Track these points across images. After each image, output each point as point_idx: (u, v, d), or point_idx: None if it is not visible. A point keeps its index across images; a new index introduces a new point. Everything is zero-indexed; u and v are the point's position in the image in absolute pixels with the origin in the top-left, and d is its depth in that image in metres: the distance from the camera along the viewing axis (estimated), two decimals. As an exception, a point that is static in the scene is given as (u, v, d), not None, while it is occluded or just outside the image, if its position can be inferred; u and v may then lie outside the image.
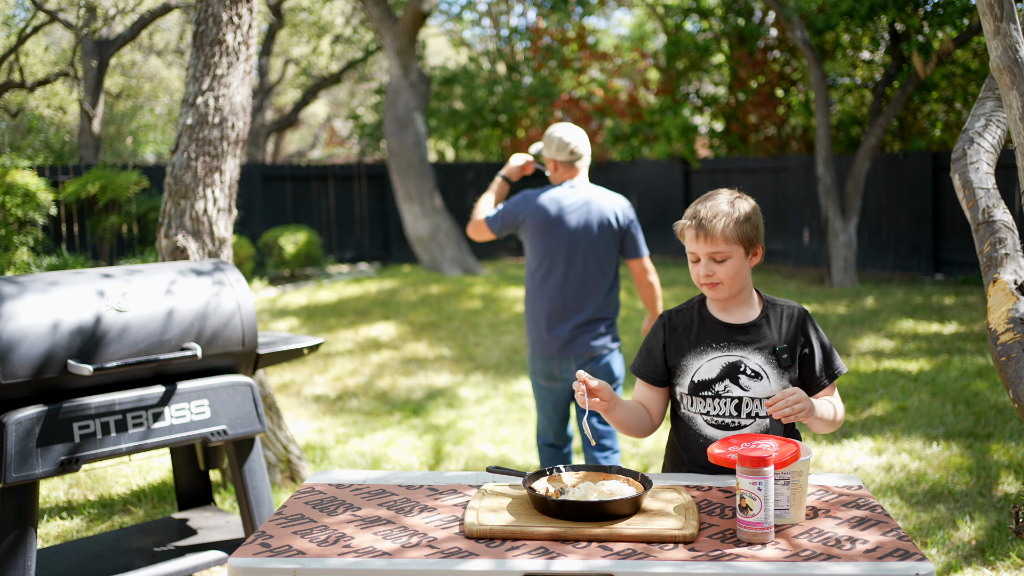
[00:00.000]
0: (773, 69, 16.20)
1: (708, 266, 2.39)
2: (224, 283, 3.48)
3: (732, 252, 2.39)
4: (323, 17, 21.32)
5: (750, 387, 2.40)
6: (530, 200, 4.05)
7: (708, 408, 2.43)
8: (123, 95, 21.24)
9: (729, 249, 2.38)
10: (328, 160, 25.54)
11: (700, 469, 2.46)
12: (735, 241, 2.38)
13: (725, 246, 2.38)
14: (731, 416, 2.41)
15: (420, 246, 14.61)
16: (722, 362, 2.42)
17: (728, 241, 2.37)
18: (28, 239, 11.05)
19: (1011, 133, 2.53)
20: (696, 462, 2.47)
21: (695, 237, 2.39)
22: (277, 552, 1.92)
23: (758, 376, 2.40)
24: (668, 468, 2.60)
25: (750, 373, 2.40)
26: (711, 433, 2.44)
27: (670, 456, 2.59)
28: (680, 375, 2.47)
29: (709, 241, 2.37)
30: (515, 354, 8.40)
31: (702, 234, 2.37)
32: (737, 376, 2.41)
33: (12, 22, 16.26)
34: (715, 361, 2.43)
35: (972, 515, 4.22)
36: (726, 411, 2.41)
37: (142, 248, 12.98)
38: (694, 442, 2.47)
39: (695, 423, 2.46)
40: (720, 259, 2.39)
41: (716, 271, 2.39)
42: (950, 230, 12.85)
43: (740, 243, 2.39)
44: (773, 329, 2.44)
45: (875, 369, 7.27)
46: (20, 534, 2.96)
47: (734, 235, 2.38)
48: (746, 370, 2.40)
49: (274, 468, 4.85)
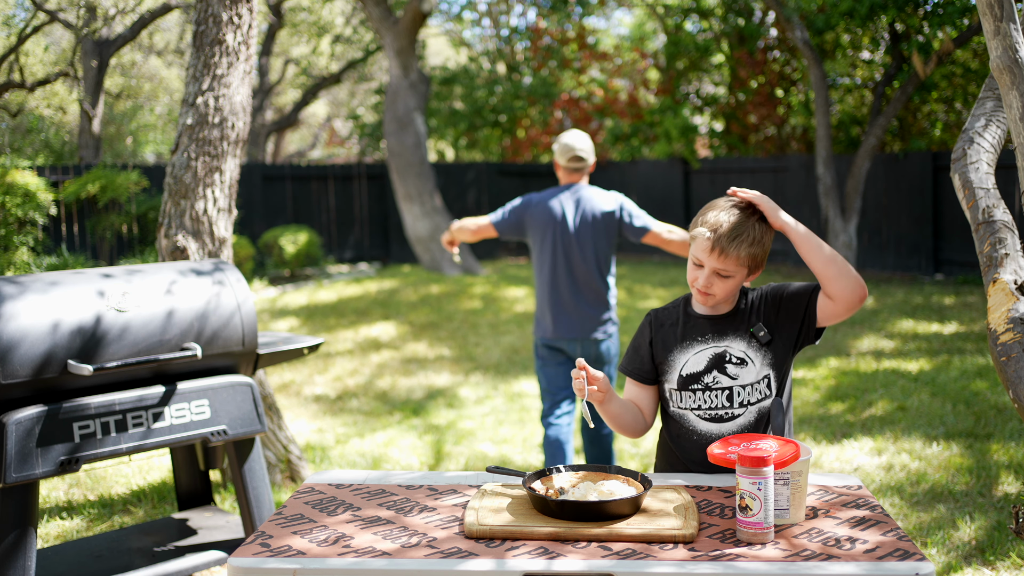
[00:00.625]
0: (773, 69, 16.20)
1: (710, 279, 2.40)
2: (224, 283, 3.48)
3: (738, 272, 2.40)
4: (323, 17, 21.31)
5: (738, 375, 2.42)
6: (532, 202, 4.42)
7: (699, 402, 2.44)
8: (123, 95, 21.24)
9: (737, 270, 2.39)
10: (328, 160, 25.54)
11: (697, 467, 2.45)
12: (745, 264, 2.39)
13: (735, 267, 2.38)
14: (723, 407, 2.43)
15: (420, 246, 14.61)
16: (708, 354, 2.44)
17: (740, 263, 2.38)
18: (28, 239, 11.05)
19: (1011, 133, 2.53)
20: (693, 459, 2.46)
21: (710, 250, 2.37)
22: (277, 552, 1.92)
23: (743, 362, 2.42)
24: (661, 469, 2.60)
25: (735, 361, 2.42)
26: (705, 428, 2.44)
27: (663, 457, 2.59)
28: (668, 371, 2.48)
29: (722, 259, 2.37)
30: (515, 354, 8.40)
31: (718, 250, 2.36)
32: (724, 366, 2.43)
33: (12, 22, 16.27)
34: (702, 354, 2.45)
35: (972, 515, 4.22)
36: (718, 403, 2.43)
37: (142, 248, 12.98)
38: (688, 439, 2.47)
39: (687, 420, 2.47)
40: (725, 275, 2.40)
41: (715, 284, 2.40)
42: (950, 230, 12.85)
43: (749, 265, 2.40)
44: (750, 313, 2.46)
45: (875, 369, 7.27)
46: (20, 534, 2.96)
47: (747, 257, 2.38)
48: (731, 359, 2.43)
49: (274, 468, 4.85)
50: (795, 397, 6.54)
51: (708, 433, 2.44)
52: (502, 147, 20.23)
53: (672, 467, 2.54)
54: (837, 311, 2.39)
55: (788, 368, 2.48)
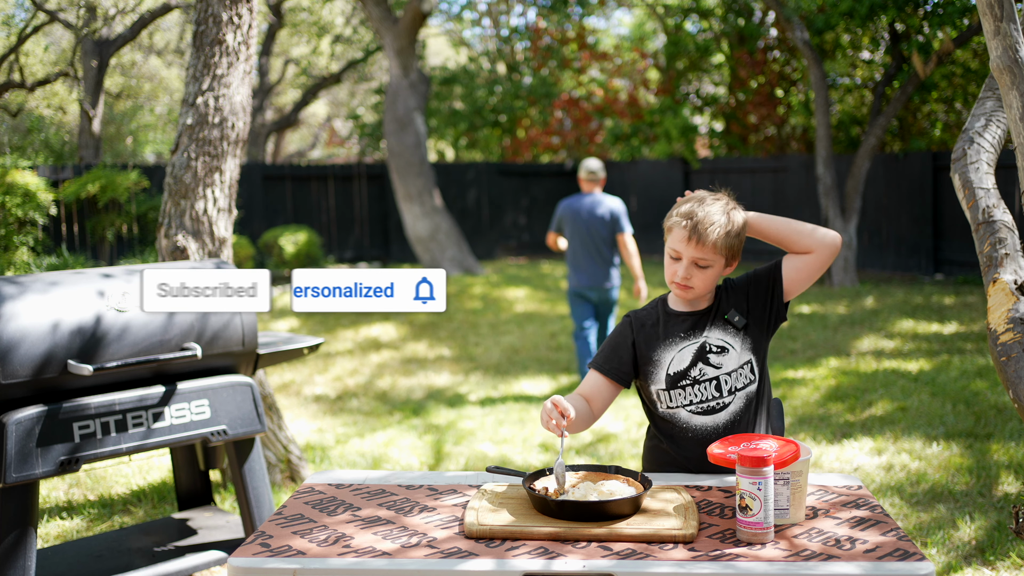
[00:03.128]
0: (773, 69, 16.20)
1: (689, 270, 2.41)
2: (224, 283, 3.47)
3: (716, 262, 2.41)
4: (323, 17, 21.30)
5: (721, 363, 2.44)
6: (563, 204, 6.89)
7: (690, 397, 2.45)
8: (123, 95, 21.24)
9: (715, 259, 2.40)
10: (328, 160, 25.54)
11: (696, 464, 2.45)
12: (723, 252, 2.40)
13: (713, 255, 2.39)
14: (714, 398, 2.44)
15: (420, 246, 14.61)
16: (691, 349, 2.46)
17: (717, 251, 2.39)
18: (28, 239, 11.05)
19: (1011, 133, 2.53)
20: (691, 456, 2.46)
21: (686, 239, 2.39)
22: (277, 552, 1.92)
23: (724, 350, 2.44)
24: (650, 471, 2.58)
25: (715, 350, 2.44)
26: (699, 422, 2.45)
27: (654, 460, 2.56)
28: (654, 371, 2.47)
29: (699, 247, 2.38)
30: (515, 354, 8.41)
31: (695, 238, 2.38)
32: (706, 356, 2.44)
33: (12, 22, 16.26)
34: (685, 350, 2.46)
35: (972, 515, 4.22)
36: (708, 394, 2.44)
37: (142, 248, 12.98)
38: (683, 437, 2.47)
39: (679, 418, 2.46)
40: (703, 265, 2.40)
41: (694, 276, 2.41)
42: (950, 230, 12.85)
43: (726, 255, 2.41)
44: (726, 302, 2.49)
45: (875, 369, 7.27)
46: (20, 534, 2.96)
47: (724, 246, 2.39)
48: (711, 348, 2.44)
49: (274, 468, 4.85)
50: (795, 397, 6.55)
51: (703, 427, 2.44)
52: (502, 147, 20.23)
53: (663, 469, 2.52)
54: (817, 262, 2.42)
55: (765, 354, 2.51)
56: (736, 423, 2.44)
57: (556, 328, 9.57)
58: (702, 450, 2.41)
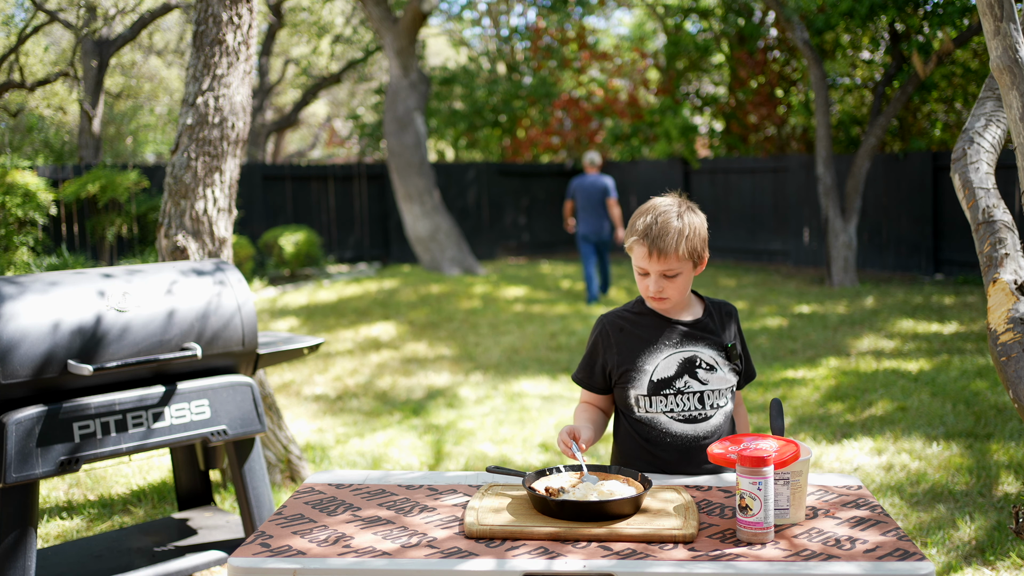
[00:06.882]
0: (773, 69, 16.20)
1: (659, 283, 2.41)
2: (224, 283, 3.48)
3: (683, 268, 2.41)
4: (323, 17, 21.31)
5: (708, 380, 2.45)
6: (575, 181, 10.81)
7: (671, 405, 2.44)
8: (123, 95, 21.24)
9: (680, 266, 2.40)
10: (328, 160, 25.54)
11: (674, 468, 2.44)
12: (687, 258, 2.40)
13: (677, 263, 2.40)
14: (696, 409, 2.45)
15: (420, 246, 14.61)
16: (678, 359, 2.45)
17: (680, 259, 2.39)
18: (28, 239, 11.05)
19: (1011, 133, 2.53)
20: (669, 460, 2.45)
21: (647, 255, 2.39)
22: (277, 552, 1.92)
23: (713, 368, 2.46)
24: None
25: (705, 366, 2.45)
26: (679, 429, 2.44)
27: (625, 453, 2.53)
28: (636, 377, 2.45)
29: (663, 260, 2.38)
30: (515, 354, 8.41)
31: (655, 252, 2.38)
32: (695, 371, 2.44)
33: (12, 22, 16.26)
34: (672, 358, 2.45)
35: (972, 515, 4.22)
36: (690, 405, 2.44)
37: (142, 248, 12.98)
38: (661, 441, 2.46)
39: (659, 422, 2.45)
40: (671, 275, 2.41)
41: (666, 287, 2.42)
42: (950, 230, 12.85)
43: (690, 259, 2.42)
44: (717, 324, 2.52)
45: (875, 369, 7.27)
46: (20, 534, 2.97)
47: (687, 252, 2.39)
48: (701, 364, 2.45)
49: (274, 468, 4.85)
50: (795, 397, 6.55)
51: (683, 434, 2.45)
52: (502, 147, 20.23)
53: (640, 460, 2.50)
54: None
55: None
56: (717, 434, 2.47)
57: (556, 328, 9.57)
58: (680, 455, 2.44)
